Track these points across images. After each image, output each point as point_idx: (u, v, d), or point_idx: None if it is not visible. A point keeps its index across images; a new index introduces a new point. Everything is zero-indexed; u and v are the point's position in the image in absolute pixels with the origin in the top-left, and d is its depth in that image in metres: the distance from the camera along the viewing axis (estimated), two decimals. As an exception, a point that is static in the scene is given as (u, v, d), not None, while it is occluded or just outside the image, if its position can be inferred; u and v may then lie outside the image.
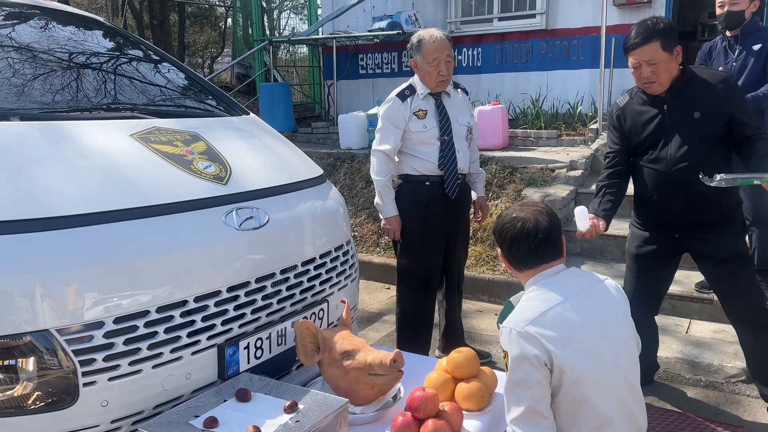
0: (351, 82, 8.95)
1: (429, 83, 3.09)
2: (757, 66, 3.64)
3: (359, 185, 6.16)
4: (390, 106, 3.11)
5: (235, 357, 1.96)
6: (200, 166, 2.11)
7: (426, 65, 3.04)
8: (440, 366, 2.16)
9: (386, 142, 3.09)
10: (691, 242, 2.74)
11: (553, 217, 1.79)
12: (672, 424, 2.89)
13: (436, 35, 3.06)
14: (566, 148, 6.43)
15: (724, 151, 2.64)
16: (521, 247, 1.75)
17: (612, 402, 1.64)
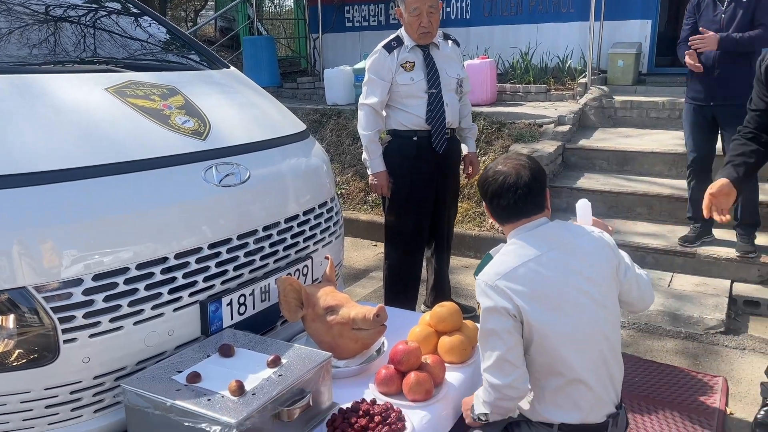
0: (337, 36, 8.76)
1: (412, 35, 3.02)
2: (745, 17, 3.60)
3: (346, 142, 6.10)
4: (376, 58, 3.05)
5: (218, 313, 1.96)
6: (178, 121, 2.07)
7: (408, 15, 2.98)
8: (424, 320, 2.18)
9: (373, 95, 3.03)
10: None
11: (537, 171, 1.77)
12: (651, 374, 2.95)
13: None
14: (555, 103, 6.38)
15: None
16: (501, 202, 1.74)
17: (587, 358, 1.66)
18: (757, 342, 3.25)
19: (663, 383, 2.86)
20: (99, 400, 1.72)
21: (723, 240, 4.00)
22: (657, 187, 4.63)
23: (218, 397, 1.58)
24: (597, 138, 5.48)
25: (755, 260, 3.76)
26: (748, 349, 3.19)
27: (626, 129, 5.68)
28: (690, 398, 2.74)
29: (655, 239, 4.17)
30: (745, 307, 3.61)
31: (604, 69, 6.72)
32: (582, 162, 5.23)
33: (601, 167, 5.14)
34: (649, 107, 5.70)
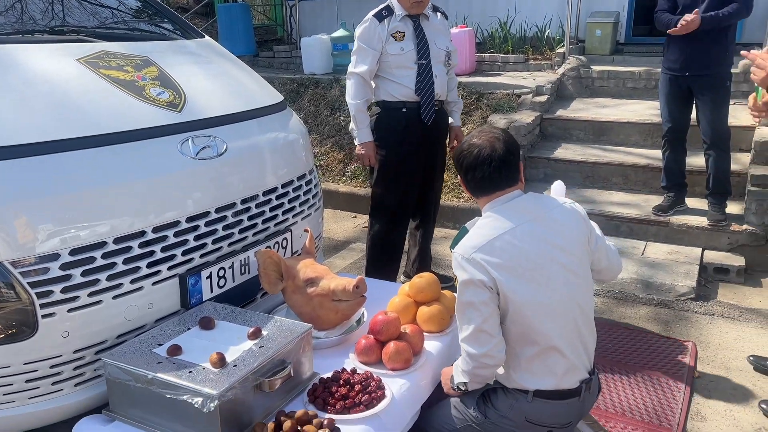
0: (314, 3, 8.59)
1: (404, 4, 2.97)
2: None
3: (324, 112, 6.04)
4: (367, 26, 3.00)
5: (198, 286, 1.97)
6: (153, 93, 2.03)
7: None
8: (403, 291, 2.21)
9: (363, 64, 2.99)
10: None
11: (510, 144, 1.79)
12: (624, 339, 3.04)
13: None
14: (533, 72, 6.37)
15: None
16: (476, 174, 1.76)
17: (561, 326, 1.70)
18: (725, 308, 3.36)
19: (635, 348, 2.95)
20: (79, 374, 1.73)
21: (695, 209, 4.08)
22: (632, 157, 4.68)
23: (199, 369, 1.59)
24: (574, 108, 5.51)
25: (725, 228, 3.85)
26: (717, 315, 3.29)
27: (603, 99, 5.72)
28: (661, 362, 2.83)
29: (629, 208, 4.24)
30: (715, 274, 3.71)
31: (582, 38, 6.72)
32: (559, 132, 5.26)
33: (578, 137, 5.18)
34: (626, 77, 5.73)
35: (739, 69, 4.95)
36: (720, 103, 3.76)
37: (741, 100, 5.04)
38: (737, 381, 2.72)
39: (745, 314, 3.28)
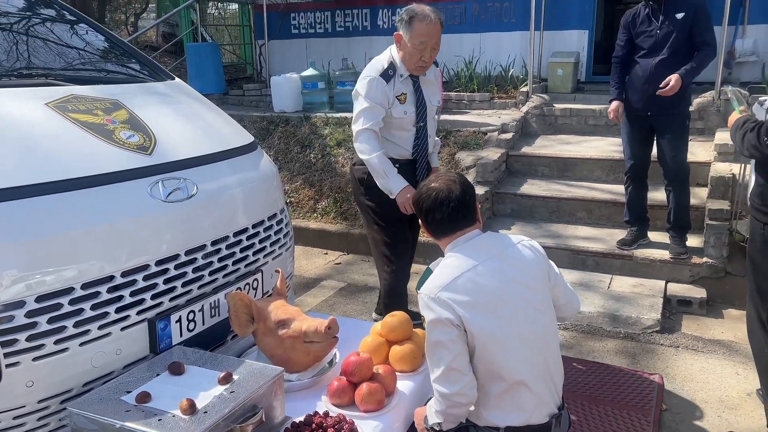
0: (283, 42, 8.72)
1: (408, 65, 2.86)
2: (681, 34, 3.71)
3: (294, 150, 6.08)
4: (374, 85, 2.84)
5: (167, 330, 1.94)
6: (123, 136, 2.04)
7: (411, 46, 2.79)
8: (375, 330, 2.22)
9: (371, 120, 2.83)
10: None
11: (466, 185, 1.87)
12: (593, 374, 3.08)
13: (430, 16, 2.77)
14: (498, 111, 6.54)
15: None
16: (436, 216, 1.83)
17: (527, 361, 1.74)
18: (689, 339, 3.43)
19: (604, 383, 2.99)
20: (44, 425, 1.68)
21: (657, 242, 4.20)
22: (596, 192, 4.82)
23: (169, 416, 1.56)
24: (539, 145, 5.66)
25: (687, 261, 3.96)
26: (682, 347, 3.36)
27: (566, 136, 5.89)
28: (629, 396, 2.87)
29: (595, 243, 4.33)
30: (679, 306, 3.80)
31: (544, 77, 6.93)
32: (525, 168, 5.39)
33: (543, 173, 5.31)
34: (587, 114, 5.92)
35: (694, 107, 5.16)
36: (680, 141, 3.89)
37: (697, 136, 5.25)
38: (703, 413, 2.77)
39: (708, 345, 3.36)
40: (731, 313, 3.75)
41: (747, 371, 3.09)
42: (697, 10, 3.70)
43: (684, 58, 3.75)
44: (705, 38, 3.72)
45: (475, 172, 5.02)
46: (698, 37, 3.73)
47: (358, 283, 4.40)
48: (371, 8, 8.07)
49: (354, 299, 4.11)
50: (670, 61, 3.75)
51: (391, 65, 2.87)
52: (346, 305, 4.01)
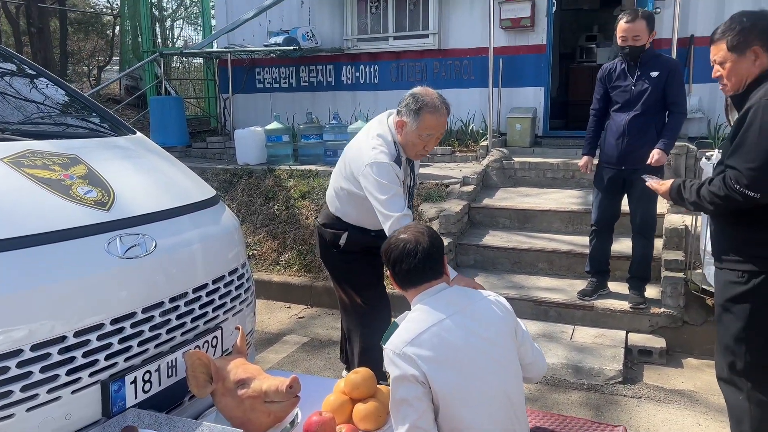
0: (248, 96, 8.80)
1: (408, 152, 2.74)
2: (655, 93, 3.78)
3: (257, 202, 6.06)
4: (390, 170, 2.64)
5: (121, 392, 1.87)
6: (80, 192, 2.00)
7: (415, 136, 2.65)
8: (338, 388, 2.17)
9: (404, 206, 2.63)
10: None
11: (434, 238, 1.88)
12: (558, 427, 3.05)
13: (440, 109, 2.64)
14: (459, 164, 6.68)
15: None
16: (403, 266, 1.84)
17: (491, 418, 1.72)
18: (651, 390, 3.46)
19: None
20: (-16, 498, 1.58)
21: (617, 293, 4.27)
22: (556, 243, 4.91)
23: (120, 485, 1.49)
24: (499, 197, 5.77)
25: (646, 311, 4.03)
26: (644, 398, 3.39)
27: (526, 188, 6.03)
28: (594, 449, 2.85)
29: (556, 293, 4.39)
30: (640, 356, 3.85)
31: (503, 132, 7.13)
32: (487, 220, 5.47)
33: (505, 225, 5.40)
34: (545, 168, 6.08)
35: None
36: (651, 194, 3.79)
37: (650, 189, 5.43)
38: (667, 464, 2.77)
39: (669, 396, 3.40)
40: (690, 362, 3.81)
41: (708, 421, 3.12)
42: (671, 70, 3.79)
43: (657, 114, 3.84)
44: (676, 99, 3.80)
45: (438, 223, 5.08)
46: (670, 97, 3.80)
47: (321, 338, 4.33)
48: (335, 64, 8.25)
49: (317, 355, 4.04)
50: (643, 116, 3.83)
51: (397, 150, 2.71)
52: (309, 361, 3.94)
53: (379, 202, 2.61)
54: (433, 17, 7.58)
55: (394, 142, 2.71)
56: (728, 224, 2.42)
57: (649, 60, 3.83)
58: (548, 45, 7.06)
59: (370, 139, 2.72)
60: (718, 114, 6.38)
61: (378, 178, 2.61)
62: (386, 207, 2.59)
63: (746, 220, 2.32)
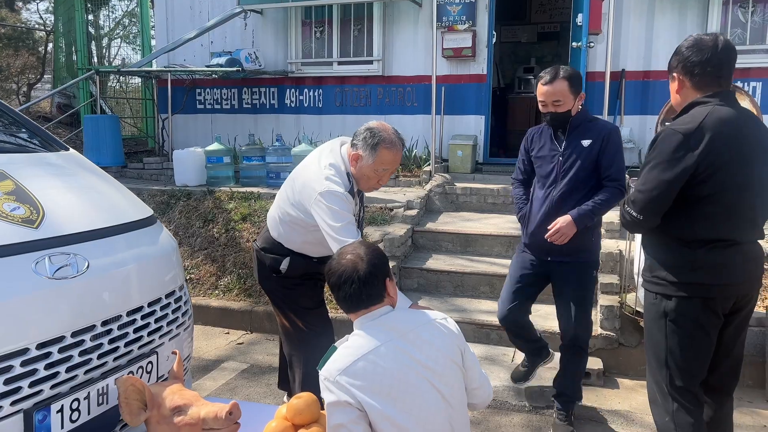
0: (188, 117, 8.62)
1: (362, 185, 2.72)
2: (586, 164, 3.03)
3: (196, 224, 5.90)
4: (344, 200, 2.59)
5: (46, 423, 1.75)
6: (6, 208, 1.89)
7: (371, 170, 2.63)
8: (280, 414, 2.11)
9: (355, 231, 2.59)
10: None
11: (374, 264, 1.84)
12: (501, 450, 3.06)
13: (397, 144, 2.63)
14: (403, 188, 6.73)
15: None
16: (340, 294, 1.83)
17: None
18: (590, 411, 3.53)
19: (512, 458, 2.97)
20: None
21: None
22: (497, 267, 4.98)
23: None
24: (442, 221, 5.83)
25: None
26: (584, 419, 3.44)
27: (468, 213, 6.12)
28: (536, 471, 2.86)
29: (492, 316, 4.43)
30: (578, 378, 3.92)
31: (445, 158, 7.25)
32: (430, 244, 5.51)
33: (447, 248, 5.45)
34: (486, 193, 6.21)
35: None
36: (584, 294, 3.15)
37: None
38: (607, 484, 2.81)
39: (608, 416, 3.47)
40: (625, 383, 3.91)
41: (643, 440, 3.20)
42: (604, 137, 3.03)
43: (590, 191, 3.05)
44: (613, 175, 3.03)
45: (383, 246, 5.07)
46: (605, 169, 3.03)
47: (262, 364, 4.21)
48: (279, 87, 8.22)
49: (257, 381, 3.92)
50: (570, 194, 3.06)
51: (350, 181, 2.67)
52: (248, 388, 3.81)
53: (333, 229, 2.55)
54: (377, 44, 7.69)
55: (347, 173, 2.66)
56: (645, 246, 2.51)
57: (580, 124, 3.07)
58: (488, 75, 7.28)
59: (322, 168, 2.67)
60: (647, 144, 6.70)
61: (331, 205, 2.56)
62: (340, 234, 2.53)
63: (657, 242, 2.40)
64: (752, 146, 2.26)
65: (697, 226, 2.27)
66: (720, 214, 2.25)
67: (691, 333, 2.30)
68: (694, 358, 2.32)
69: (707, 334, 2.30)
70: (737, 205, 2.25)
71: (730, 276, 2.27)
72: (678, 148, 2.20)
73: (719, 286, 2.27)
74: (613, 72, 6.41)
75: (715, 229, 2.26)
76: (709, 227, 2.26)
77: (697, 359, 2.33)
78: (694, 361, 2.33)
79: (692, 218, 2.27)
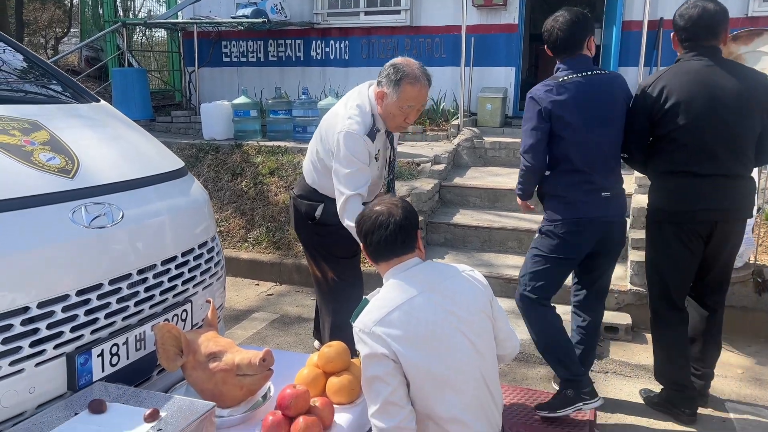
0: (214, 70, 8.59)
1: (389, 124, 2.68)
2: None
3: (224, 178, 5.95)
4: (360, 144, 2.58)
5: (88, 366, 1.81)
6: (42, 158, 1.91)
7: (395, 107, 2.58)
8: (311, 361, 2.15)
9: (361, 186, 2.59)
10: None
11: (408, 211, 1.85)
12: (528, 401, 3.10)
13: (421, 80, 2.57)
14: (430, 143, 6.66)
15: None
16: (374, 238, 1.81)
17: (463, 395, 1.71)
18: (617, 365, 3.54)
19: (538, 409, 3.01)
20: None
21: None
22: (525, 223, 4.94)
23: (88, 459, 1.44)
24: (470, 176, 5.78)
25: (612, 293, 4.06)
26: (611, 372, 3.46)
27: (496, 168, 6.05)
28: (562, 422, 2.90)
29: (525, 271, 4.42)
30: (606, 333, 3.92)
31: (474, 111, 7.13)
32: (457, 199, 5.48)
33: (475, 204, 5.41)
34: (515, 148, 6.11)
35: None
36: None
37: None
38: (632, 436, 2.84)
39: (635, 371, 3.47)
40: (654, 338, 3.90)
41: (671, 394, 3.20)
42: None
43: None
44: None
45: (410, 201, 5.05)
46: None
47: (291, 315, 4.29)
48: (304, 39, 8.11)
49: (287, 331, 4.00)
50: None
51: (373, 122, 2.64)
52: (278, 337, 3.90)
53: (339, 174, 2.59)
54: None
55: (372, 114, 2.64)
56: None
57: None
58: (520, 25, 7.06)
59: (347, 108, 2.67)
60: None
61: (346, 148, 2.57)
62: (342, 182, 2.57)
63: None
64: (712, 94, 2.67)
65: (658, 159, 2.82)
66: (675, 150, 2.75)
67: (665, 251, 2.87)
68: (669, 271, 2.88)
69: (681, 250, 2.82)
70: (690, 141, 2.71)
71: (690, 203, 2.75)
72: (638, 98, 2.81)
73: (683, 211, 2.78)
74: (651, 21, 6.17)
75: (672, 162, 2.76)
76: (666, 160, 2.78)
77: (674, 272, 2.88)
78: (669, 273, 2.88)
79: (655, 153, 2.84)
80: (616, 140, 2.80)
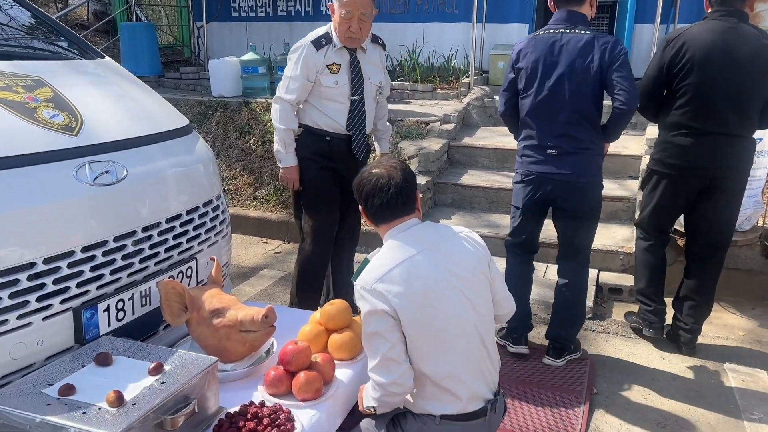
0: (223, 25, 8.47)
1: (339, 35, 2.88)
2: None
3: (233, 135, 5.94)
4: (304, 53, 2.87)
5: (94, 320, 1.85)
6: (46, 115, 1.92)
7: (338, 16, 2.82)
8: (314, 319, 2.19)
9: (293, 92, 2.90)
10: None
11: (407, 173, 1.85)
12: (528, 360, 3.15)
13: None
14: (440, 101, 6.58)
15: None
16: (375, 201, 1.81)
17: (461, 352, 1.74)
18: (619, 326, 3.57)
19: (538, 368, 3.07)
20: (-44, 421, 1.57)
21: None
22: (533, 184, 4.91)
23: (95, 409, 1.49)
24: (479, 136, 5.73)
25: (618, 253, 4.09)
26: (612, 333, 3.49)
27: (505, 128, 5.95)
28: (561, 380, 2.95)
29: (531, 232, 4.42)
30: (610, 294, 3.94)
31: (486, 69, 7.02)
32: (465, 159, 5.44)
33: (483, 164, 5.38)
34: (526, 107, 6.02)
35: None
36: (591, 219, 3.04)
37: (630, 131, 5.44)
38: (631, 396, 2.89)
39: (636, 331, 3.50)
40: (658, 300, 3.91)
41: (671, 356, 3.24)
42: None
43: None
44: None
45: (417, 161, 5.04)
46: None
47: (298, 272, 4.34)
48: (314, -7, 7.96)
49: (293, 288, 4.06)
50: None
51: (326, 35, 2.91)
52: (285, 294, 3.96)
53: (282, 80, 2.95)
54: (416, -54, 7.30)
55: (327, 32, 2.92)
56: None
57: None
58: (534, -21, 6.88)
59: None
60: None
61: (290, 55, 2.94)
62: (281, 85, 2.94)
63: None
64: (728, 55, 2.78)
65: (667, 111, 2.96)
66: (684, 105, 2.88)
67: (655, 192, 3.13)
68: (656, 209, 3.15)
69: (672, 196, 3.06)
70: (699, 98, 2.84)
71: (688, 159, 2.92)
72: (660, 49, 2.97)
73: (679, 165, 2.95)
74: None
75: (678, 116, 2.91)
76: (674, 114, 2.93)
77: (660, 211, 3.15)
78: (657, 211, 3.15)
79: (665, 106, 2.98)
80: (573, 101, 2.77)
